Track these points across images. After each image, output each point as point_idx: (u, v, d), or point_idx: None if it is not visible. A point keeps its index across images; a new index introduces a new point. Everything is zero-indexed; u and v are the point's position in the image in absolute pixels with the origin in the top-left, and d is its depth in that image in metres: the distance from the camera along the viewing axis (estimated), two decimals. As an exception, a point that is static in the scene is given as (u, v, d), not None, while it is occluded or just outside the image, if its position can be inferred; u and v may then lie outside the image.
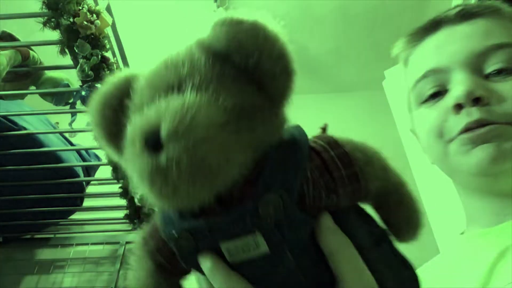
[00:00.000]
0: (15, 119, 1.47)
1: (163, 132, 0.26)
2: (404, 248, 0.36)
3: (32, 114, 1.58)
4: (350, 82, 2.35)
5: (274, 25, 0.31)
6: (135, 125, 0.28)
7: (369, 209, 0.36)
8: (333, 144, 0.33)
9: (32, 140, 1.49)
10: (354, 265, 0.30)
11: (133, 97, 0.32)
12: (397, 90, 1.65)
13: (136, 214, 1.55)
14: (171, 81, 0.30)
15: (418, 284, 0.36)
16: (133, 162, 0.28)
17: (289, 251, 0.30)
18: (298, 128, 0.34)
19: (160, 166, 0.26)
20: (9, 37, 1.31)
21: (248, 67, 0.30)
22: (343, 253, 0.30)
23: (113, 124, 0.33)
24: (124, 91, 0.33)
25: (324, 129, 0.40)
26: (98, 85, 1.21)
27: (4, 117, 1.44)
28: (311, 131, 0.36)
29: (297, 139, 0.33)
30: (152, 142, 0.26)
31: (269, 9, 0.34)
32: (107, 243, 1.83)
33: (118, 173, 1.44)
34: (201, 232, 0.30)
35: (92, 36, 1.17)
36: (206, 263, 0.31)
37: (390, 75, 1.70)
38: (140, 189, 0.28)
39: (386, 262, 0.34)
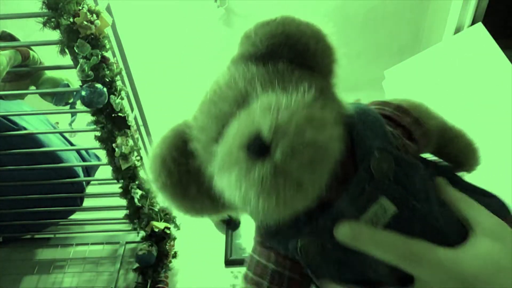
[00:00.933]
0: (15, 119, 1.47)
1: (266, 133, 0.25)
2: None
3: (32, 114, 1.58)
4: (350, 82, 2.34)
5: (299, 16, 0.32)
6: (227, 143, 0.26)
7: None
8: (383, 103, 0.36)
9: (32, 140, 1.49)
10: (480, 207, 0.33)
11: (195, 143, 0.31)
12: (397, 90, 1.65)
13: (136, 214, 1.55)
14: (233, 101, 0.29)
15: (506, 207, 0.38)
16: (238, 181, 0.25)
17: (416, 201, 0.30)
18: (351, 103, 0.35)
19: (277, 167, 0.24)
20: (9, 37, 1.31)
21: (297, 53, 0.30)
22: (468, 200, 0.34)
23: (179, 175, 0.32)
24: (179, 142, 0.32)
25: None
26: (98, 85, 1.21)
27: (4, 117, 1.44)
28: None
29: (360, 107, 0.33)
30: (256, 147, 0.25)
31: (269, 9, 0.34)
32: (107, 243, 1.84)
33: (118, 173, 1.44)
34: (324, 227, 0.30)
35: (92, 36, 1.17)
36: (343, 230, 0.29)
37: (390, 75, 1.70)
38: (246, 209, 0.26)
39: (478, 200, 0.35)
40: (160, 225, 1.58)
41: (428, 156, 0.39)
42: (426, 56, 1.65)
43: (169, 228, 1.62)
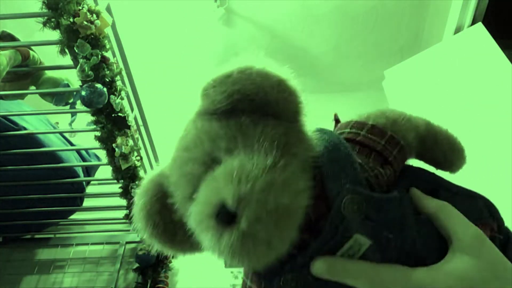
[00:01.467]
0: (15, 119, 1.47)
1: (230, 203, 0.26)
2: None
3: (32, 114, 1.58)
4: (350, 82, 2.34)
5: (259, 63, 0.32)
6: (198, 211, 0.29)
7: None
8: (357, 125, 0.36)
9: (32, 140, 1.50)
10: (458, 217, 0.33)
11: (172, 193, 0.34)
12: (397, 90, 1.65)
13: (136, 214, 1.55)
14: (201, 162, 0.31)
15: (493, 208, 0.37)
16: (212, 246, 0.28)
17: (389, 232, 0.30)
18: (322, 130, 0.35)
19: (244, 233, 0.26)
20: (9, 37, 1.31)
21: (258, 106, 0.31)
22: (444, 209, 0.33)
23: (164, 225, 0.35)
24: (159, 194, 0.35)
25: (336, 120, 0.42)
26: (98, 85, 1.21)
27: (4, 117, 1.44)
28: (311, 130, 0.38)
29: (331, 141, 0.34)
30: (223, 217, 0.27)
31: (269, 9, 0.34)
32: (107, 243, 1.84)
33: (118, 173, 1.44)
34: (303, 264, 0.31)
35: (92, 36, 1.17)
36: (320, 266, 0.31)
37: (390, 75, 1.70)
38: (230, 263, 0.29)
39: (460, 202, 0.35)
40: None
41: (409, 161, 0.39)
42: (426, 56, 1.65)
43: (169, 228, 1.62)
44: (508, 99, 1.28)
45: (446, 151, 0.40)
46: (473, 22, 1.58)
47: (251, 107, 0.31)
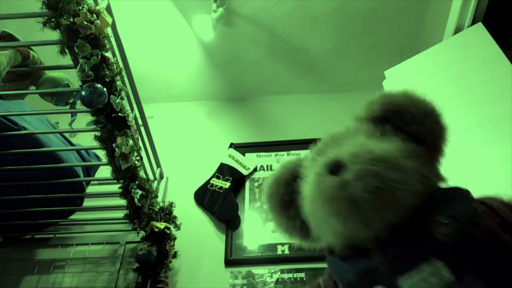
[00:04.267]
0: (15, 119, 1.47)
1: (346, 157, 0.30)
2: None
3: (32, 114, 1.58)
4: (350, 82, 2.34)
5: (419, 92, 0.39)
6: (316, 165, 0.33)
7: None
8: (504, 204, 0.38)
9: (32, 140, 1.49)
10: None
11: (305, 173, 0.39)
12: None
13: (136, 214, 1.55)
14: (339, 143, 0.36)
15: None
16: (313, 189, 0.32)
17: (473, 276, 0.29)
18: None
19: (344, 183, 0.29)
20: (9, 37, 1.31)
21: (406, 127, 0.36)
22: None
23: (285, 199, 0.41)
24: (294, 173, 0.41)
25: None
26: (98, 85, 1.21)
27: (4, 117, 1.44)
28: (311, 130, 0.40)
29: (459, 187, 0.36)
30: (333, 166, 0.31)
31: (269, 9, 0.35)
32: (107, 243, 1.83)
33: (118, 173, 1.43)
34: (378, 269, 0.31)
35: (92, 36, 1.17)
36: None
37: (390, 75, 1.70)
38: (319, 224, 0.32)
39: None
40: (160, 225, 1.58)
41: None
42: (426, 56, 1.65)
43: (169, 228, 1.62)
44: (508, 99, 1.28)
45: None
46: (473, 22, 1.58)
47: (398, 122, 0.36)
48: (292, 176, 0.40)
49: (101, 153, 1.50)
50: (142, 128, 1.70)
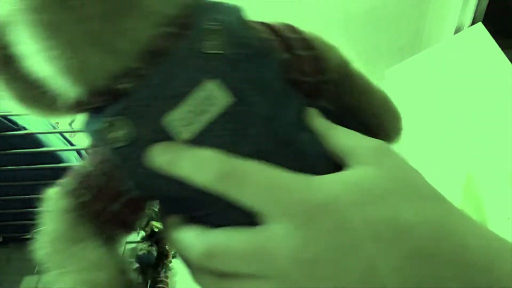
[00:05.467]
0: (15, 119, 1.47)
1: None
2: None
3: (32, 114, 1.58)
4: (350, 82, 2.34)
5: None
6: None
7: None
8: (292, 27, 0.33)
9: (32, 140, 1.49)
10: (354, 134, 0.29)
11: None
12: (397, 90, 1.65)
13: (136, 214, 1.55)
14: None
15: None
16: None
17: (256, 92, 0.24)
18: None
19: None
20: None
21: None
22: (338, 128, 0.29)
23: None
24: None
25: None
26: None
27: (4, 117, 1.44)
28: None
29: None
30: None
31: (269, 9, 0.34)
32: (107, 243, 1.83)
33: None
34: (136, 106, 0.23)
35: (92, 36, 1.17)
36: (159, 152, 0.24)
37: (390, 75, 1.70)
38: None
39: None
40: (160, 225, 1.58)
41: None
42: (426, 56, 1.65)
43: (169, 228, 1.62)
44: (508, 99, 1.28)
45: (382, 113, 0.38)
46: (473, 22, 1.58)
47: None
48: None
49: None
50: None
